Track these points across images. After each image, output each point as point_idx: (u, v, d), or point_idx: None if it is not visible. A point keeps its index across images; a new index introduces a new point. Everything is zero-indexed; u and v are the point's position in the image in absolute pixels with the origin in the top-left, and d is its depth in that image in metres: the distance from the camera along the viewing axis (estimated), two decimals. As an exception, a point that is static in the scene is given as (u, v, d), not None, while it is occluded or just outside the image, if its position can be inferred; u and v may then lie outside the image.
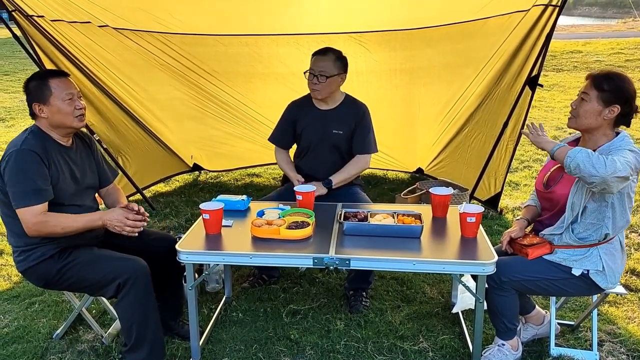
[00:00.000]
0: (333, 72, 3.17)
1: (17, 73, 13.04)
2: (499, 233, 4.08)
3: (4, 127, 8.03)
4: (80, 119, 2.54)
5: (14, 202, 2.36)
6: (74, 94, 2.51)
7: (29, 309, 3.17)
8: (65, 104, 2.47)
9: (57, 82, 2.48)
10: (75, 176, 2.58)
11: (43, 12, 3.51)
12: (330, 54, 3.19)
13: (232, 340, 2.87)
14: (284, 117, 3.45)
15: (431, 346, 2.79)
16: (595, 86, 2.33)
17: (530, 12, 3.65)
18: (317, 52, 3.24)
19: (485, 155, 4.33)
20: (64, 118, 2.48)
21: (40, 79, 2.49)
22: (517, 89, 3.94)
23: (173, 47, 4.26)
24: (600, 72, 2.36)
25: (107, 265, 2.45)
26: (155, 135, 4.93)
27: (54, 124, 2.50)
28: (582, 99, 2.37)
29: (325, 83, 3.17)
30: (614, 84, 2.31)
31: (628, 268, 3.53)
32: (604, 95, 2.31)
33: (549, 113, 8.40)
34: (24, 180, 2.34)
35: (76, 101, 2.51)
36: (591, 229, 2.35)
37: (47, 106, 2.46)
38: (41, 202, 2.37)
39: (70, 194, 2.53)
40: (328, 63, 3.16)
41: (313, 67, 3.20)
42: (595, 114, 2.33)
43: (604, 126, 2.36)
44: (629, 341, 2.81)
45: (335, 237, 2.57)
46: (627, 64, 11.91)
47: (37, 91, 2.47)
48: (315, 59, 3.22)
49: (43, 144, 2.45)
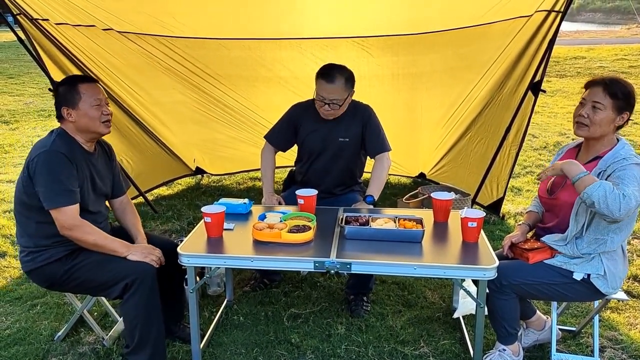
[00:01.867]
0: (344, 96, 3.06)
1: (22, 76, 13.10)
2: (500, 238, 4.07)
3: (8, 129, 8.06)
4: (107, 124, 2.57)
5: (46, 202, 2.37)
6: (102, 100, 2.55)
7: (31, 311, 3.18)
8: (93, 109, 2.50)
9: (86, 88, 2.52)
10: (95, 182, 2.61)
11: (48, 15, 3.53)
12: (338, 78, 3.01)
13: (233, 343, 2.87)
14: (285, 118, 3.34)
15: (432, 351, 2.79)
16: (609, 94, 2.30)
17: (533, 17, 3.66)
18: (323, 77, 3.03)
19: (488, 160, 4.33)
20: (91, 123, 2.51)
21: (70, 84, 2.52)
22: (519, 95, 3.94)
23: (177, 50, 4.28)
24: (609, 80, 2.33)
25: (115, 266, 2.47)
26: (158, 138, 4.94)
27: (81, 128, 2.53)
28: (594, 107, 2.33)
29: (339, 109, 3.09)
30: (625, 90, 2.31)
31: (630, 274, 3.52)
32: (618, 103, 2.30)
33: (552, 119, 8.39)
34: (54, 181, 2.36)
35: (103, 107, 2.55)
36: (595, 244, 2.34)
37: (76, 110, 2.49)
38: (74, 202, 2.41)
39: (90, 199, 2.56)
40: (338, 89, 3.02)
41: (322, 94, 3.04)
42: (609, 122, 2.33)
43: (610, 133, 2.36)
44: (630, 347, 2.80)
45: (337, 241, 2.57)
46: (630, 69, 11.89)
47: (67, 95, 2.50)
48: (323, 87, 3.03)
49: (69, 147, 2.48)
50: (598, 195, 2.11)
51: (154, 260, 2.52)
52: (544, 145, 6.84)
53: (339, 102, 3.05)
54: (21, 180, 2.46)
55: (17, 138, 7.52)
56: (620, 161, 2.26)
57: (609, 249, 2.34)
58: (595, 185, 2.13)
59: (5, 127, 8.17)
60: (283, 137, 3.36)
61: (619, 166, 2.24)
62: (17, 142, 7.31)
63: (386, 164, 3.21)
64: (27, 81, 12.36)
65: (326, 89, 3.02)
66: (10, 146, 7.12)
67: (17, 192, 2.49)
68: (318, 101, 3.08)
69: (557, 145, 6.82)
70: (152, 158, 4.98)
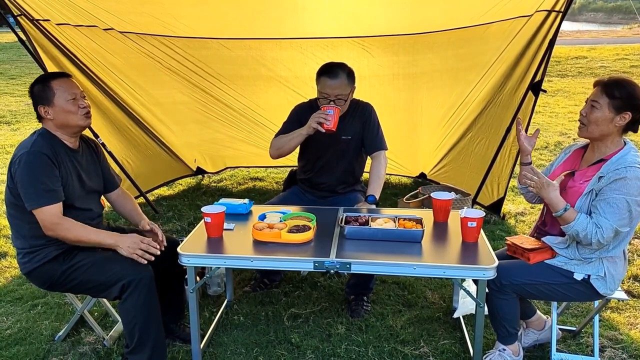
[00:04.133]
0: (348, 91, 3.07)
1: (23, 77, 13.12)
2: (501, 238, 4.07)
3: (9, 130, 8.08)
4: (86, 117, 2.57)
5: (28, 202, 2.37)
6: (77, 94, 2.55)
7: (32, 311, 3.19)
8: (69, 104, 2.50)
9: (59, 83, 2.52)
10: (82, 179, 2.61)
11: (49, 15, 3.54)
12: (340, 74, 3.02)
13: (233, 343, 2.87)
14: (292, 118, 3.30)
15: (432, 351, 2.79)
16: (606, 94, 2.30)
17: (533, 17, 3.66)
18: (326, 74, 3.04)
19: (489, 160, 4.33)
20: (69, 117, 2.51)
21: (43, 82, 2.53)
22: (520, 95, 3.94)
23: (178, 50, 4.29)
24: (610, 79, 2.34)
25: (112, 267, 2.46)
26: (158, 139, 4.95)
27: (60, 124, 2.53)
28: (592, 107, 2.34)
29: (344, 104, 3.09)
30: (625, 90, 2.29)
31: (630, 274, 3.51)
32: (615, 103, 2.29)
33: (553, 119, 8.38)
34: (35, 181, 2.37)
35: (79, 100, 2.55)
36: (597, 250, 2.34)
37: (52, 107, 2.50)
38: (55, 202, 2.40)
39: (77, 196, 2.56)
40: (342, 84, 3.02)
41: (325, 91, 3.03)
42: (607, 122, 2.32)
43: (614, 134, 2.35)
44: (630, 347, 2.80)
45: (336, 241, 2.57)
46: (632, 69, 11.87)
47: (41, 94, 2.51)
48: (326, 83, 3.03)
49: (52, 146, 2.48)
50: (577, 231, 2.27)
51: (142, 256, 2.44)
52: (545, 145, 6.83)
53: (344, 98, 3.06)
54: (8, 182, 2.47)
55: (18, 139, 7.53)
56: (620, 170, 2.25)
57: (612, 255, 2.34)
58: (576, 222, 2.27)
59: (6, 128, 8.19)
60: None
61: (617, 177, 2.24)
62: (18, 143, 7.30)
63: (383, 162, 3.23)
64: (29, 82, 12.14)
65: (330, 86, 3.03)
66: (12, 147, 7.13)
67: (7, 195, 2.50)
68: (323, 99, 3.08)
69: (557, 145, 6.81)
70: (152, 158, 4.99)
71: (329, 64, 3.11)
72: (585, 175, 2.39)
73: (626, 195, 2.22)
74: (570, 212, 2.30)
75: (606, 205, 2.25)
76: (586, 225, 2.25)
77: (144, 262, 2.46)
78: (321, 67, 3.11)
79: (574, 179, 2.44)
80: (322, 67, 3.10)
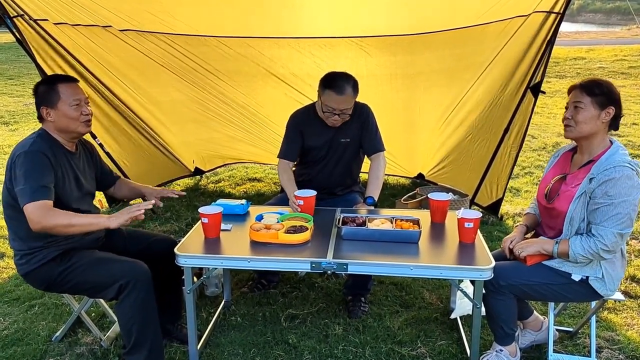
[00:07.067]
0: (352, 104, 3.06)
1: (22, 77, 13.11)
2: (499, 239, 4.07)
3: (7, 130, 8.07)
4: (86, 124, 2.56)
5: (21, 199, 2.35)
6: (81, 100, 2.54)
7: (29, 312, 3.18)
8: (72, 109, 2.50)
9: (66, 87, 2.51)
10: (80, 181, 2.61)
11: (47, 15, 3.54)
12: (347, 88, 2.96)
13: (230, 344, 2.87)
14: (290, 129, 3.26)
15: (429, 351, 2.79)
16: (587, 93, 2.35)
17: (532, 18, 3.66)
18: (333, 89, 2.97)
19: (487, 161, 4.33)
20: (70, 123, 2.51)
21: (49, 84, 2.52)
22: (519, 96, 3.95)
23: (176, 47, 4.29)
24: (585, 81, 2.40)
25: (109, 267, 2.46)
26: (156, 139, 4.95)
27: (60, 128, 2.53)
28: (576, 107, 2.37)
29: (348, 117, 3.09)
30: (604, 87, 2.35)
31: (628, 275, 3.52)
32: (598, 99, 2.33)
33: (551, 119, 8.40)
34: (31, 179, 2.35)
35: (83, 107, 2.54)
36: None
37: (55, 110, 2.49)
38: (47, 197, 2.34)
39: (74, 198, 2.56)
40: (348, 99, 2.99)
41: (332, 106, 2.99)
42: (594, 119, 2.34)
43: (601, 131, 2.37)
44: (627, 348, 2.80)
45: (334, 242, 2.57)
46: (630, 70, 11.88)
47: (46, 95, 2.50)
48: (333, 98, 2.98)
49: (50, 147, 2.48)
50: (580, 254, 2.30)
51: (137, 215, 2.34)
52: (543, 146, 6.84)
53: (348, 112, 3.05)
54: (6, 182, 2.46)
55: (16, 139, 7.51)
56: (609, 171, 2.26)
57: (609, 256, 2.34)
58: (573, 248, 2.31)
59: (5, 128, 8.17)
60: (296, 148, 3.26)
61: (606, 177, 2.25)
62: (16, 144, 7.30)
63: (382, 163, 3.22)
64: (27, 82, 12.36)
65: (336, 100, 2.98)
66: (10, 147, 7.12)
67: (4, 195, 2.49)
68: (327, 112, 3.04)
69: (555, 146, 6.81)
70: (150, 159, 4.99)
71: (334, 76, 3.04)
72: (577, 178, 2.40)
73: (617, 198, 2.23)
74: (562, 244, 2.35)
75: (600, 214, 2.27)
76: (582, 244, 2.28)
77: (141, 216, 2.36)
78: (326, 77, 3.06)
79: (566, 182, 2.45)
80: (328, 79, 3.04)
